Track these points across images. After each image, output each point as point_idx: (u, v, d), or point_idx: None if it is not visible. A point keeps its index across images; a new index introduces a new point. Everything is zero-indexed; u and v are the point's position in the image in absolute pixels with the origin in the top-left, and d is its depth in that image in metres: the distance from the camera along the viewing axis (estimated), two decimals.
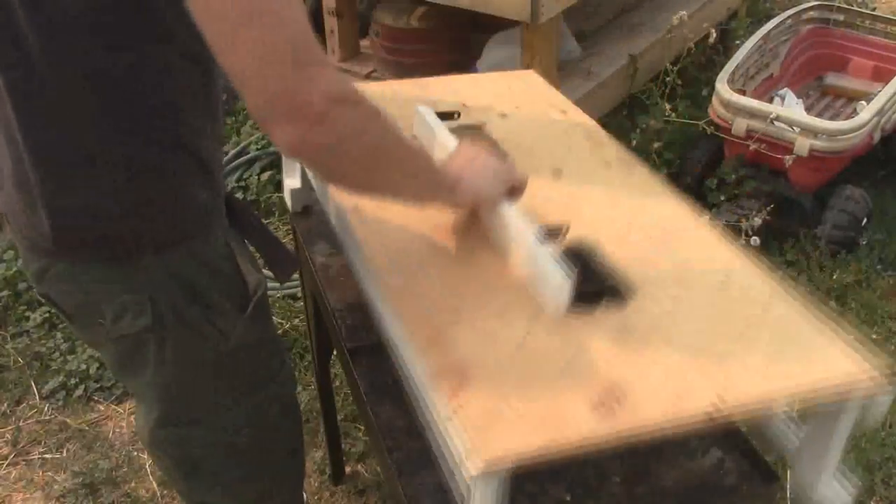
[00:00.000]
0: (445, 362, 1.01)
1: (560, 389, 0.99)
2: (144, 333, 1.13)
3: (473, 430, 0.92)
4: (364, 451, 2.17)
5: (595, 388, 0.99)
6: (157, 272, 1.10)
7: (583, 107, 1.65)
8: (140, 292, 1.11)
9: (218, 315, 1.16)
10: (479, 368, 1.01)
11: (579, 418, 0.95)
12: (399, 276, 1.17)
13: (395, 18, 2.83)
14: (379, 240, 1.24)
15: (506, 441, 0.91)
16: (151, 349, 1.15)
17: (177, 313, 1.13)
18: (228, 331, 1.17)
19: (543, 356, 1.03)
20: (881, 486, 2.04)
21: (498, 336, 1.06)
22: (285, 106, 0.90)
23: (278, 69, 0.89)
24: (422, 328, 1.07)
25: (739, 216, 2.63)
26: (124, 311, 1.11)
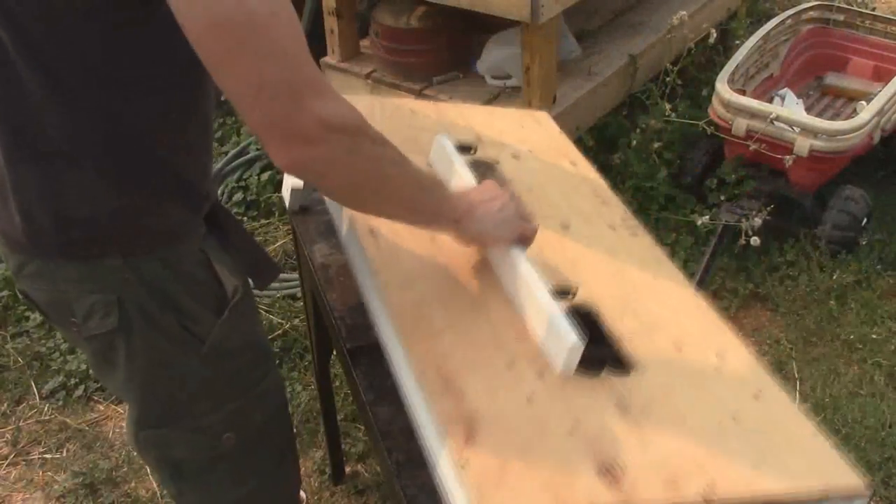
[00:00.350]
0: (455, 412, 1.01)
1: (566, 453, 0.98)
2: (113, 334, 1.13)
3: (479, 488, 0.92)
4: (364, 451, 2.17)
5: (599, 456, 0.99)
6: (125, 275, 1.10)
7: (583, 107, 1.65)
8: (108, 293, 1.11)
9: (191, 320, 1.16)
10: (487, 422, 1.00)
11: (585, 484, 0.95)
12: (410, 312, 1.16)
13: (395, 18, 2.83)
14: (393, 267, 1.24)
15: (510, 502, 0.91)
16: (121, 350, 1.15)
17: (146, 316, 1.13)
18: (203, 335, 1.17)
19: (549, 416, 1.03)
20: (881, 486, 2.04)
21: (506, 390, 1.05)
22: (280, 132, 0.92)
23: (273, 98, 0.90)
24: (432, 373, 1.07)
25: (739, 216, 2.63)
26: (93, 310, 1.12)
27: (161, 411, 1.21)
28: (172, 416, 1.22)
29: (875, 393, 2.28)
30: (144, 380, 1.18)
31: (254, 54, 0.88)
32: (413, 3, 2.79)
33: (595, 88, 2.81)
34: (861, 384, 2.31)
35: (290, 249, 2.77)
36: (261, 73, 0.89)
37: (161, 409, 1.21)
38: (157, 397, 1.20)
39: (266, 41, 0.88)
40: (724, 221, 2.63)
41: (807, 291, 2.59)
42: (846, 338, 2.45)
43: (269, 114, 0.91)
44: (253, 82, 0.89)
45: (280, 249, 2.81)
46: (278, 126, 0.91)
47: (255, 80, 0.89)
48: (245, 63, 0.89)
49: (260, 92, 0.89)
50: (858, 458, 2.08)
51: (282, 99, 0.90)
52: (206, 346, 1.17)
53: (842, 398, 2.25)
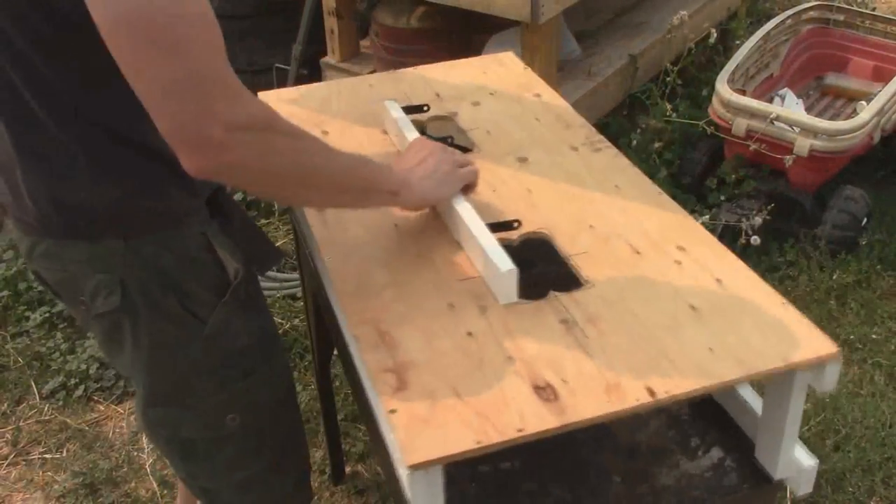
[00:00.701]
0: (387, 363, 1.05)
1: (501, 380, 1.02)
2: (118, 313, 1.16)
3: (406, 430, 0.96)
4: (364, 451, 2.17)
5: (537, 376, 1.02)
6: (127, 257, 1.13)
7: (583, 107, 1.67)
8: (111, 273, 1.13)
9: (194, 302, 1.17)
10: (420, 367, 1.04)
11: (519, 406, 0.98)
12: (352, 278, 1.20)
13: (395, 18, 2.83)
14: (336, 239, 1.27)
15: (435, 443, 0.94)
16: (127, 329, 1.17)
17: (148, 297, 1.15)
18: (205, 316, 1.18)
19: (486, 349, 1.06)
20: (881, 486, 2.04)
21: (444, 332, 1.09)
22: (187, 137, 0.92)
23: (180, 103, 0.90)
24: (368, 329, 1.11)
25: (739, 216, 2.63)
26: (98, 289, 1.14)
27: (167, 390, 1.23)
28: (177, 395, 1.23)
29: (875, 393, 2.28)
30: (150, 359, 1.20)
31: (157, 53, 0.88)
32: (413, 3, 2.79)
33: (595, 88, 2.81)
34: (861, 384, 2.31)
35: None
36: (165, 74, 0.88)
37: (167, 388, 1.23)
38: (163, 376, 1.22)
39: (171, 40, 0.88)
40: (724, 221, 2.63)
41: (807, 291, 2.59)
42: (846, 338, 2.45)
43: (175, 118, 0.90)
44: (160, 85, 0.89)
45: None
46: (185, 131, 0.91)
47: (161, 83, 0.89)
48: (149, 62, 0.88)
49: (165, 94, 0.89)
50: (858, 458, 2.08)
51: (187, 102, 0.89)
52: (209, 327, 1.19)
53: (842, 398, 2.25)
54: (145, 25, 0.87)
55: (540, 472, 1.19)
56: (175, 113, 0.90)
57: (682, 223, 1.27)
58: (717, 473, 1.18)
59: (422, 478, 0.94)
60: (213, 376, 1.23)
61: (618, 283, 1.15)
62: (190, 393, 1.23)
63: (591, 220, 1.28)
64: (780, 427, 1.10)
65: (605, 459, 1.21)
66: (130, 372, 1.25)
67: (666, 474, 1.18)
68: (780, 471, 1.13)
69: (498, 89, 1.63)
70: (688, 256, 1.20)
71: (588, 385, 1.00)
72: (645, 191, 1.35)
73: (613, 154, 1.44)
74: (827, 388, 1.06)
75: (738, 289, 1.15)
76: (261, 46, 3.26)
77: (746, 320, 1.09)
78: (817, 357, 1.04)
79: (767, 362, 1.03)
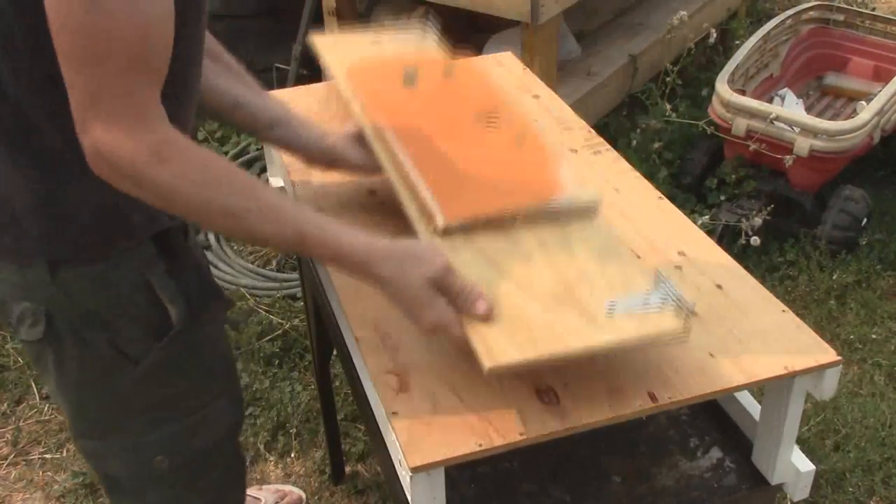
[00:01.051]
0: (388, 365, 1.05)
1: (505, 385, 1.01)
2: (41, 343, 1.11)
3: (408, 433, 0.96)
4: (364, 451, 2.17)
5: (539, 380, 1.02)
6: (52, 288, 1.08)
7: (583, 107, 1.67)
8: (38, 302, 1.09)
9: (125, 342, 1.12)
10: (422, 370, 1.04)
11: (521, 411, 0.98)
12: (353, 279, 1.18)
13: (396, 18, 2.83)
14: None
15: (437, 446, 0.94)
16: (50, 360, 1.13)
17: (74, 332, 1.10)
18: (138, 356, 1.13)
19: None
20: (881, 486, 2.04)
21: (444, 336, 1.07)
22: (98, 157, 0.93)
23: (91, 120, 0.91)
24: (369, 331, 1.10)
25: (739, 216, 2.63)
26: (24, 316, 1.10)
27: (93, 423, 1.19)
28: (104, 430, 1.19)
29: (875, 393, 2.28)
30: (75, 391, 1.16)
31: (86, 65, 0.89)
32: (413, 3, 2.79)
33: (595, 88, 2.81)
34: (861, 384, 2.31)
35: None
36: (84, 89, 0.90)
37: (93, 422, 1.18)
38: (88, 409, 1.18)
39: (95, 55, 0.88)
40: (724, 221, 2.63)
41: (807, 291, 2.59)
42: (846, 338, 2.44)
43: (88, 136, 0.92)
44: (77, 97, 0.90)
45: None
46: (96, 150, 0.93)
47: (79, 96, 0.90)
48: (78, 72, 0.89)
49: (82, 109, 0.91)
50: (858, 458, 2.08)
51: (98, 122, 0.91)
52: (140, 368, 1.13)
53: (842, 398, 2.25)
54: (61, 22, 0.87)
55: (539, 472, 1.19)
56: (87, 132, 0.92)
57: (682, 228, 1.27)
58: (716, 474, 1.18)
59: (423, 480, 0.94)
60: (143, 417, 1.17)
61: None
62: (116, 430, 1.18)
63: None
64: (778, 432, 1.10)
65: (604, 460, 1.21)
66: (56, 399, 1.20)
67: (665, 475, 1.19)
68: (777, 475, 1.13)
69: None
70: (688, 261, 1.20)
71: (590, 390, 1.00)
72: (645, 195, 1.35)
73: (613, 157, 1.44)
74: (826, 395, 1.06)
75: (738, 295, 1.15)
76: (261, 46, 3.26)
77: (747, 326, 1.09)
78: (818, 365, 1.04)
79: (768, 369, 1.03)
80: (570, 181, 1.16)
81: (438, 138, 1.24)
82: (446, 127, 1.27)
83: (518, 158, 1.21)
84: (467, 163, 1.19)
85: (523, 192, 1.13)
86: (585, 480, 1.18)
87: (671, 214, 1.30)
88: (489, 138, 1.25)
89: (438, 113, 1.30)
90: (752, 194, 2.72)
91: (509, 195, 1.13)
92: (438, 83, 1.38)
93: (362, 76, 1.40)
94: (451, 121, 1.28)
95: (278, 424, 2.24)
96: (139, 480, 1.23)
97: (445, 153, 1.20)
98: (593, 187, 1.17)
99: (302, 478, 2.13)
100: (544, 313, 0.97)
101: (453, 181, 1.15)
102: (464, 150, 1.22)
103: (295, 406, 2.27)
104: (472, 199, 1.12)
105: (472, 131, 1.26)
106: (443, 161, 1.19)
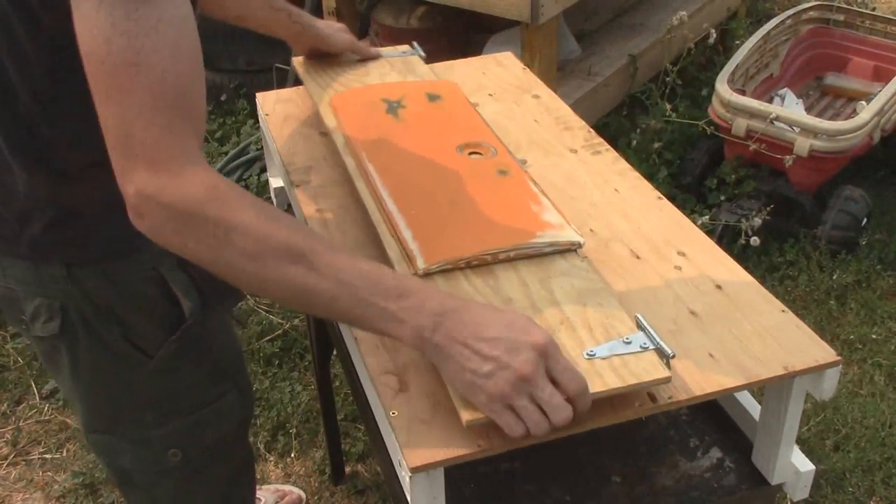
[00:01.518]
0: (388, 366, 1.04)
1: None
2: (56, 339, 1.12)
3: (407, 432, 0.95)
4: (364, 451, 2.17)
5: None
6: (67, 284, 1.09)
7: (583, 107, 1.67)
8: (52, 298, 1.10)
9: (139, 336, 1.13)
10: (422, 371, 1.03)
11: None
12: None
13: (395, 18, 2.83)
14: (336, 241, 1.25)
15: (437, 446, 0.94)
16: (65, 356, 1.14)
17: (88, 327, 1.11)
18: (151, 350, 1.14)
19: None
20: (881, 486, 2.04)
21: None
22: (144, 201, 0.87)
23: (113, 148, 0.87)
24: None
25: (739, 216, 2.63)
26: (38, 312, 1.11)
27: (106, 418, 1.20)
28: (117, 424, 1.20)
29: (875, 393, 2.28)
30: (89, 385, 1.17)
31: (104, 95, 0.86)
32: (413, 3, 2.79)
33: (595, 88, 2.81)
34: (861, 384, 2.31)
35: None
36: (108, 115, 0.86)
37: (106, 416, 1.20)
38: (102, 404, 1.19)
39: (114, 86, 0.85)
40: (724, 221, 2.63)
41: (807, 291, 2.59)
42: (846, 338, 2.45)
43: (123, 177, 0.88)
44: (112, 136, 0.87)
45: None
46: (130, 193, 0.88)
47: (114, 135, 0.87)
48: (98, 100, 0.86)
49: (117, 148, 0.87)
50: (858, 458, 2.08)
51: (115, 150, 0.87)
52: (154, 362, 1.15)
53: (842, 398, 2.25)
54: (98, 64, 0.85)
55: (539, 472, 1.19)
56: (123, 173, 0.88)
57: (682, 228, 1.27)
58: (716, 474, 1.18)
59: (423, 480, 0.94)
60: (155, 410, 1.19)
61: (618, 288, 1.15)
62: (130, 424, 1.19)
63: (591, 224, 1.28)
64: (777, 432, 1.10)
65: (604, 460, 1.21)
66: (70, 394, 1.21)
67: (665, 475, 1.18)
68: (777, 475, 1.13)
69: (497, 90, 1.63)
70: (688, 262, 1.20)
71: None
72: (645, 195, 1.35)
73: (613, 157, 1.44)
74: (826, 395, 1.06)
75: (738, 295, 1.15)
76: (261, 46, 3.26)
77: (747, 327, 1.09)
78: (817, 365, 1.04)
79: (768, 369, 1.03)
80: (552, 217, 1.16)
81: (421, 173, 1.24)
82: (429, 160, 1.27)
83: (500, 193, 1.21)
84: (449, 200, 1.19)
85: (505, 230, 1.14)
86: (585, 480, 1.18)
87: (671, 214, 1.30)
88: (472, 170, 1.25)
89: (421, 145, 1.30)
90: (752, 194, 2.72)
91: (490, 234, 1.13)
92: (422, 112, 1.39)
93: (345, 106, 1.41)
94: (434, 152, 1.29)
95: (278, 424, 2.24)
96: (151, 474, 1.24)
97: (427, 190, 1.21)
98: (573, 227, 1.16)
99: (302, 478, 2.14)
100: None
101: (434, 221, 1.15)
102: (446, 185, 1.22)
103: (295, 406, 2.27)
104: (453, 240, 1.12)
105: (454, 164, 1.26)
106: (424, 198, 1.19)
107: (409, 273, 1.08)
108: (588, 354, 0.97)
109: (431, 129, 1.35)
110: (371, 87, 1.47)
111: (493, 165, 1.27)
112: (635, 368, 0.96)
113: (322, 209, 1.33)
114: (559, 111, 1.56)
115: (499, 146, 1.32)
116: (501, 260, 1.11)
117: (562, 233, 1.14)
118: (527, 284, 1.08)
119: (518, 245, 1.11)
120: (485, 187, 1.22)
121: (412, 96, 1.43)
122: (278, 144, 1.49)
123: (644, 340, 0.99)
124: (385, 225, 1.17)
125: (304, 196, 1.37)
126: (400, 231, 1.14)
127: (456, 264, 1.09)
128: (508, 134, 1.49)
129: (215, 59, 3.33)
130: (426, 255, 1.09)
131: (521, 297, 1.06)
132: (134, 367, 1.15)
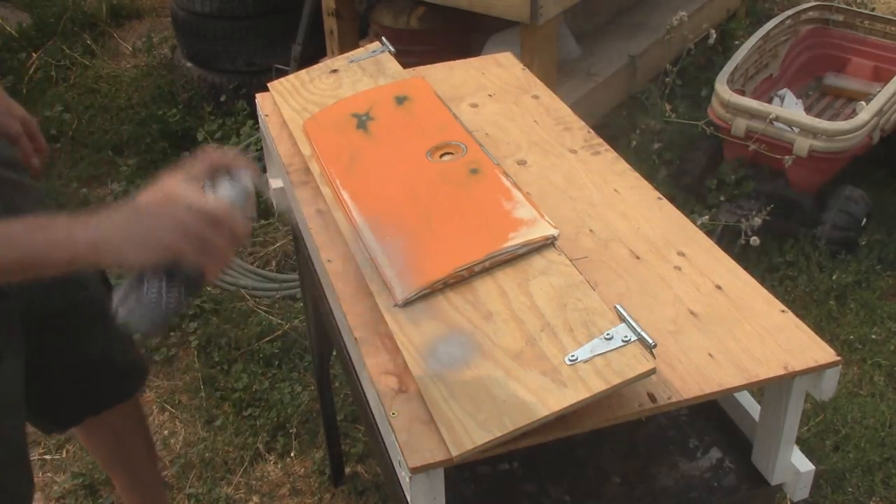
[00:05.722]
0: (388, 367, 1.05)
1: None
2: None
3: (408, 432, 0.96)
4: (364, 452, 2.17)
5: None
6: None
7: (582, 107, 1.66)
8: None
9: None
10: None
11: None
12: (352, 280, 1.19)
13: (395, 18, 2.83)
14: (336, 241, 1.27)
15: (437, 446, 0.94)
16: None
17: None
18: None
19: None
20: (881, 486, 2.04)
21: None
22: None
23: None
24: (369, 332, 1.11)
25: (739, 216, 2.63)
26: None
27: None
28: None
29: (875, 393, 2.28)
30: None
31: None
32: (413, 3, 2.79)
33: (595, 88, 2.81)
34: (861, 384, 2.31)
35: (289, 250, 2.77)
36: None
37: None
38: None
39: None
40: (724, 221, 2.63)
41: (806, 292, 2.59)
42: (846, 338, 2.44)
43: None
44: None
45: (280, 250, 2.81)
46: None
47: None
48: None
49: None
50: (858, 459, 2.08)
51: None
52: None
53: (842, 398, 2.25)
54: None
55: (539, 473, 1.19)
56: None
57: (682, 228, 1.27)
58: (715, 474, 1.18)
59: (423, 480, 0.94)
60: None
61: (618, 288, 1.15)
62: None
63: (590, 224, 1.28)
64: (777, 432, 1.10)
65: (604, 460, 1.21)
66: None
67: (665, 475, 1.19)
68: (777, 476, 1.14)
69: (496, 91, 1.63)
70: (688, 262, 1.20)
71: None
72: (644, 195, 1.35)
73: (613, 157, 1.44)
74: (826, 395, 1.07)
75: (738, 295, 1.15)
76: (261, 46, 3.26)
77: (746, 327, 1.09)
78: (817, 365, 1.04)
79: (768, 369, 1.03)
80: (525, 212, 1.17)
81: (393, 192, 1.27)
82: (400, 174, 1.30)
83: (472, 197, 1.23)
84: (422, 216, 1.21)
85: (478, 240, 1.15)
86: (585, 480, 1.18)
87: (671, 214, 1.30)
88: (443, 175, 1.27)
89: (392, 158, 1.33)
90: (752, 195, 2.72)
91: (464, 247, 1.15)
92: (391, 122, 1.41)
93: (317, 130, 1.44)
94: (405, 163, 1.31)
95: (278, 425, 2.24)
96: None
97: (399, 212, 1.23)
98: (546, 219, 1.17)
99: (302, 478, 2.14)
100: (508, 381, 0.98)
101: (410, 243, 1.18)
102: (417, 201, 1.24)
103: (295, 406, 2.27)
104: (427, 263, 1.14)
105: (425, 172, 1.28)
106: (398, 221, 1.22)
107: (390, 305, 1.11)
108: (570, 360, 0.98)
109: (401, 138, 1.37)
110: (340, 103, 1.50)
111: (463, 165, 1.28)
112: (618, 366, 0.96)
113: (322, 209, 1.33)
114: (559, 111, 1.56)
115: (469, 142, 1.33)
116: (478, 272, 1.12)
117: (534, 229, 1.15)
118: (505, 293, 1.09)
119: (491, 254, 1.13)
120: (457, 193, 1.23)
121: (380, 104, 1.46)
122: (278, 145, 1.49)
123: (626, 333, 0.99)
124: (362, 255, 1.20)
125: (304, 196, 1.37)
126: (377, 262, 1.17)
127: (433, 287, 1.11)
128: (508, 134, 1.49)
129: (215, 60, 3.33)
130: (404, 285, 1.11)
131: (500, 308, 1.07)
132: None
